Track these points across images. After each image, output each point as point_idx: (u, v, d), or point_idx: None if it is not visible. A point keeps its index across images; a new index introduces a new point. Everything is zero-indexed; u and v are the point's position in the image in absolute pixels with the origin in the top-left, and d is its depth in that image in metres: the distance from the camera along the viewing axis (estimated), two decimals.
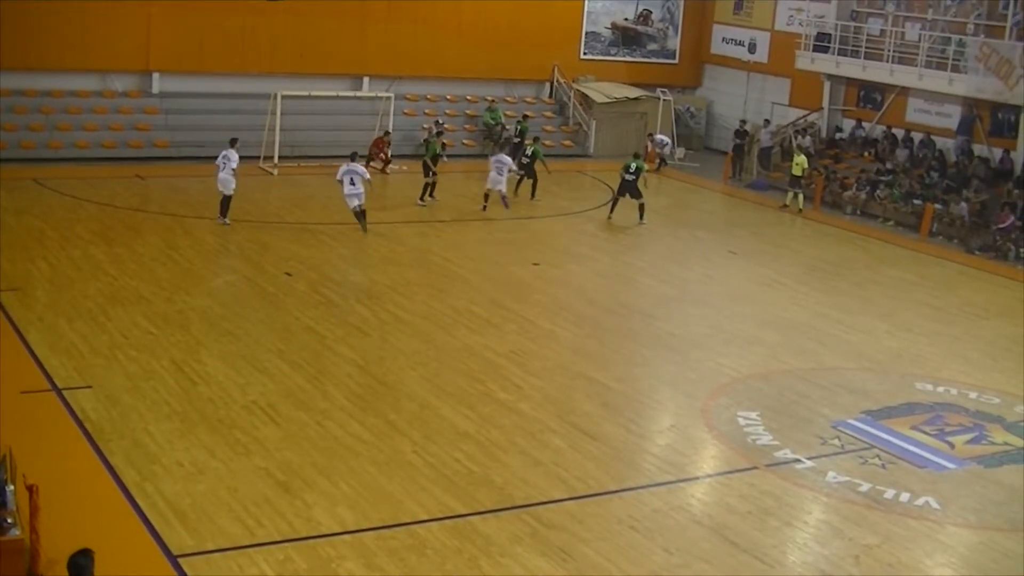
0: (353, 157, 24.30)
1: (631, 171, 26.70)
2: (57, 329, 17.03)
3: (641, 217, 26.72)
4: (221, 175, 23.70)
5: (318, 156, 30.34)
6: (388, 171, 30.71)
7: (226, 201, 23.80)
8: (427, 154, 27.60)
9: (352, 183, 23.54)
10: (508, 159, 27.23)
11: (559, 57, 36.62)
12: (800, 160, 30.03)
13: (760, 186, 32.86)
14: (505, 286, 21.25)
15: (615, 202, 27.13)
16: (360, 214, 23.70)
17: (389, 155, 30.86)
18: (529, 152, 28.90)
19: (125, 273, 20.13)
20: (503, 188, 26.62)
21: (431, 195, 27.25)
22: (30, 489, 10.42)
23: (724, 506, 13.13)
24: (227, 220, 23.76)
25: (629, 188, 26.72)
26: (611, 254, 24.42)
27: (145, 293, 19.09)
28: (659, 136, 34.62)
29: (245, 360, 16.35)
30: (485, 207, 26.69)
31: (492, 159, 27.27)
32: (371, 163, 30.19)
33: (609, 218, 27.04)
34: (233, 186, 23.74)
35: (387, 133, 31.15)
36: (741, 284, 22.84)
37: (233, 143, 24.21)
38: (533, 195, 28.65)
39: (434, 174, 27.27)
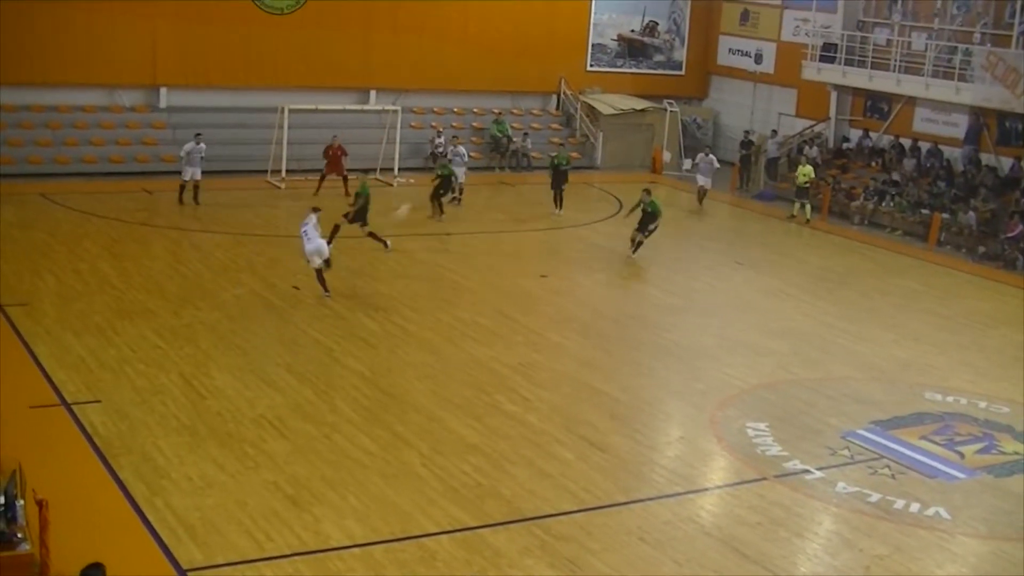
0: (197, 139, 26.90)
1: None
2: (65, 343, 17.07)
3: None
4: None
5: None
6: (351, 210, 23.53)
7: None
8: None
9: (193, 161, 26.89)
10: None
11: (565, 69, 36.64)
12: (806, 170, 30.02)
13: (767, 196, 32.85)
14: (512, 298, 21.25)
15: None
16: (195, 186, 26.96)
17: (345, 167, 28.39)
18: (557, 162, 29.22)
19: (133, 287, 20.18)
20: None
21: (442, 208, 27.28)
22: (40, 504, 10.43)
23: (733, 517, 13.11)
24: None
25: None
26: (617, 265, 24.41)
27: (153, 307, 19.12)
28: (712, 156, 31.56)
29: (253, 373, 16.37)
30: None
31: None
32: (323, 179, 28.28)
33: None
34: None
35: (334, 138, 28.82)
36: (748, 294, 22.81)
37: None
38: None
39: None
